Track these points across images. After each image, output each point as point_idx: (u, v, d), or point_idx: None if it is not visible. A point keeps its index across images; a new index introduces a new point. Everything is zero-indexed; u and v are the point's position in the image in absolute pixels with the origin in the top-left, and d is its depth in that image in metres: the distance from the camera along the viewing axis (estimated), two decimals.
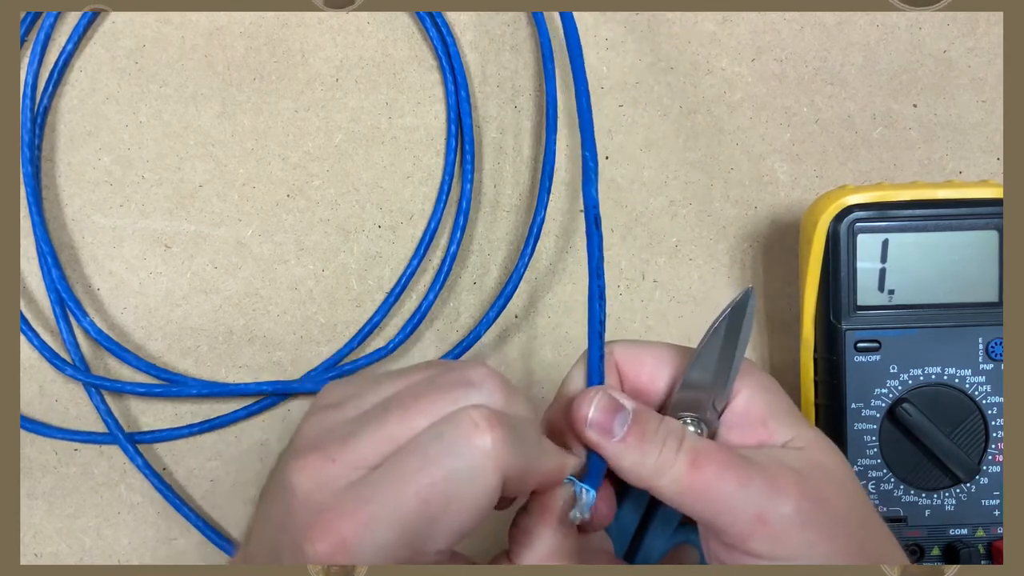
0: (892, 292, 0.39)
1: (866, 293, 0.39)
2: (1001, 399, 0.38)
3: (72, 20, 0.43)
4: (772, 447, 0.29)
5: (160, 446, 0.44)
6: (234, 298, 0.44)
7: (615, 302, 0.44)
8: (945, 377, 0.39)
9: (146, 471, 0.43)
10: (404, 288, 0.43)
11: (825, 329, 0.39)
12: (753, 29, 0.45)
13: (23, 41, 0.43)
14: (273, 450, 0.44)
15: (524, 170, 0.44)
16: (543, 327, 0.44)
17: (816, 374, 0.40)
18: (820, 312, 0.40)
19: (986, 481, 0.39)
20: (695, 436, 0.28)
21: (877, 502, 0.39)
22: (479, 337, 0.43)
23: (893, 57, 0.45)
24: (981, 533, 0.39)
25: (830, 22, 0.45)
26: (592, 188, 0.32)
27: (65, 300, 0.42)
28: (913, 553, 0.39)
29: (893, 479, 0.39)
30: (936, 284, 0.39)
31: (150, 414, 0.44)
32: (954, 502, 0.39)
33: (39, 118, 0.43)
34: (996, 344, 0.38)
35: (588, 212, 0.32)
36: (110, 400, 0.43)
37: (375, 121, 0.44)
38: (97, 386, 0.43)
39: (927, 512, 0.39)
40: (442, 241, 0.44)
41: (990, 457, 0.39)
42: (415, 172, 0.44)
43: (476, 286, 0.44)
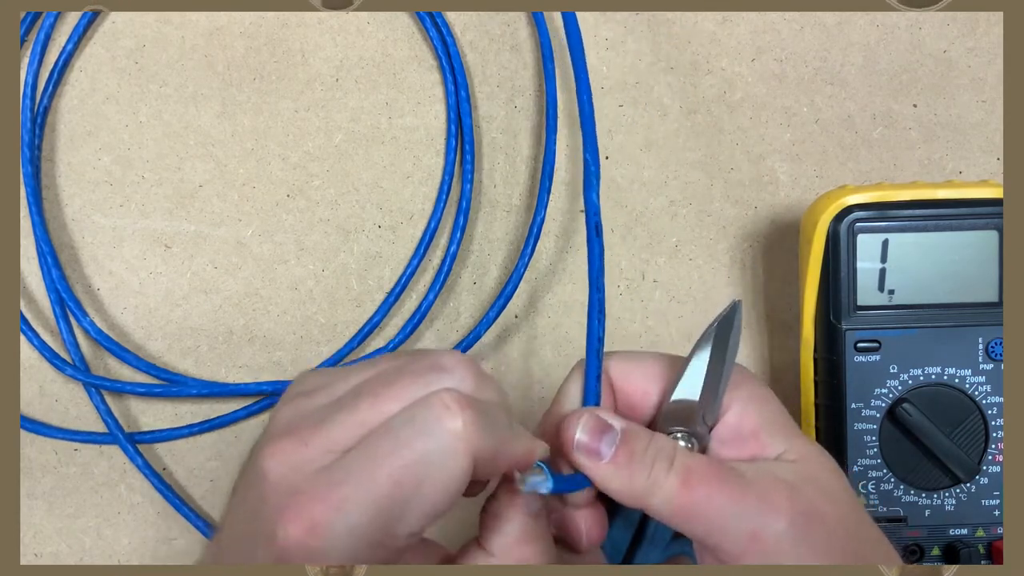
0: (892, 292, 0.39)
1: (866, 293, 0.39)
2: (1001, 399, 0.38)
3: (72, 20, 0.43)
4: (765, 460, 0.28)
5: (160, 446, 0.44)
6: (234, 298, 0.44)
7: (615, 302, 0.44)
8: (945, 377, 0.39)
9: (146, 471, 0.43)
10: (404, 288, 0.43)
11: (825, 329, 0.39)
12: (753, 29, 0.45)
13: (23, 41, 0.43)
14: None
15: (524, 170, 0.44)
16: (543, 327, 0.44)
17: (816, 374, 0.40)
18: (820, 312, 0.40)
19: (986, 481, 0.39)
20: (686, 453, 0.28)
21: (877, 502, 0.39)
22: (479, 337, 0.43)
23: (893, 57, 0.45)
24: (981, 533, 0.39)
25: (830, 22, 0.45)
26: (593, 193, 0.31)
27: (65, 300, 0.42)
28: (913, 553, 0.39)
29: (893, 479, 0.39)
30: (936, 284, 0.39)
31: (150, 414, 0.44)
32: (954, 502, 0.39)
33: (39, 118, 0.43)
34: (996, 344, 0.38)
35: (589, 219, 0.31)
36: (110, 400, 0.43)
37: (375, 121, 0.44)
38: (97, 386, 0.43)
39: (927, 512, 0.39)
40: (442, 241, 0.44)
41: (990, 457, 0.39)
42: (415, 172, 0.44)
43: (476, 286, 0.44)
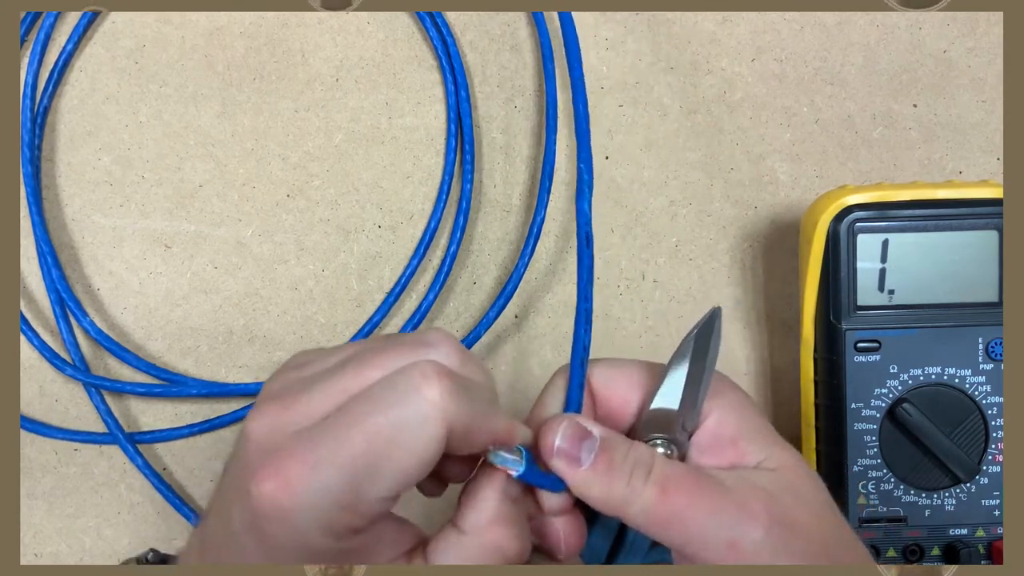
0: (892, 292, 0.39)
1: (866, 293, 0.39)
2: (1001, 399, 0.38)
3: (72, 20, 0.43)
4: (743, 468, 0.28)
5: (160, 446, 0.44)
6: (234, 298, 0.44)
7: (615, 302, 0.44)
8: (945, 377, 0.39)
9: (146, 471, 0.43)
10: (404, 288, 0.43)
11: (825, 329, 0.39)
12: (753, 29, 0.45)
13: (23, 41, 0.43)
14: None
15: (524, 170, 0.44)
16: (543, 327, 0.44)
17: (816, 374, 0.40)
18: (820, 312, 0.40)
19: (986, 481, 0.39)
20: (665, 461, 0.28)
21: (877, 502, 0.39)
22: (479, 337, 0.43)
23: (893, 57, 0.45)
24: (981, 533, 0.39)
25: (830, 22, 0.45)
26: (585, 203, 0.31)
27: (65, 300, 0.42)
28: (913, 553, 0.39)
29: (893, 479, 0.39)
30: (936, 284, 0.39)
31: (150, 414, 0.44)
32: (954, 502, 0.39)
33: (39, 118, 0.43)
34: (996, 344, 0.38)
35: (580, 229, 0.31)
36: (110, 400, 0.43)
37: (375, 121, 0.44)
38: (97, 386, 0.43)
39: (927, 512, 0.39)
40: (442, 241, 0.44)
41: (990, 457, 0.39)
42: (415, 172, 0.44)
43: (476, 286, 0.44)
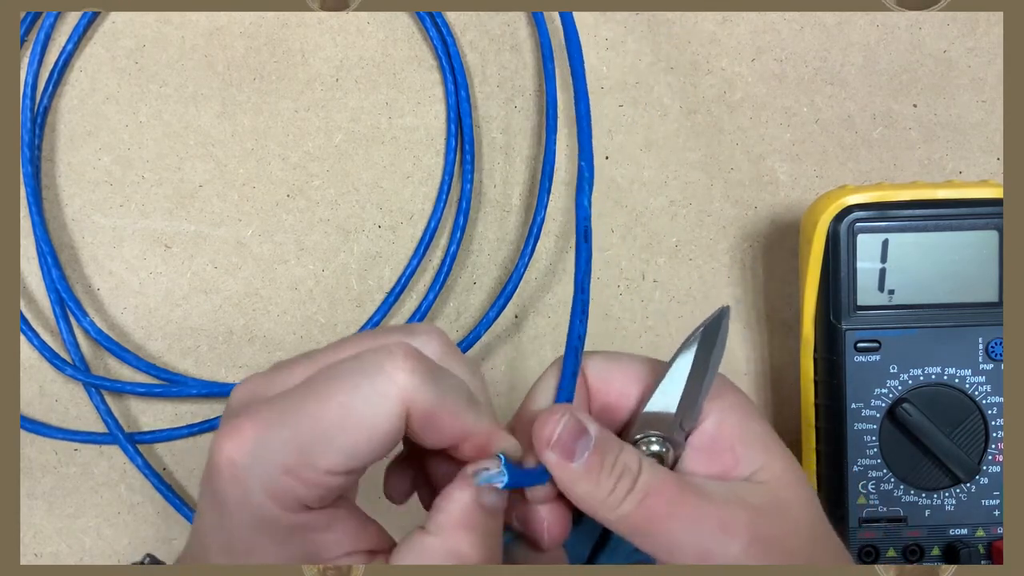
0: (892, 292, 0.39)
1: (866, 293, 0.39)
2: (1001, 399, 0.38)
3: (72, 20, 0.43)
4: (734, 480, 0.28)
5: (160, 446, 0.44)
6: (234, 298, 0.44)
7: (615, 302, 0.44)
8: (945, 377, 0.39)
9: (146, 471, 0.43)
10: (404, 288, 0.43)
11: (825, 329, 0.39)
12: (753, 29, 0.45)
13: (23, 41, 0.43)
14: None
15: (524, 170, 0.44)
16: (543, 327, 0.44)
17: (816, 374, 0.40)
18: (820, 312, 0.40)
19: (986, 481, 0.39)
20: (651, 468, 0.27)
21: (877, 502, 0.39)
22: (479, 337, 0.43)
23: (893, 57, 0.45)
24: (981, 533, 0.39)
25: (830, 22, 0.45)
26: (585, 198, 0.31)
27: (65, 300, 0.42)
28: (913, 553, 0.39)
29: (893, 479, 0.39)
30: (936, 284, 0.39)
31: (150, 414, 0.44)
32: (954, 502, 0.39)
33: (39, 118, 0.43)
34: (996, 344, 0.38)
35: (579, 223, 0.31)
36: (110, 400, 0.43)
37: (375, 121, 0.44)
38: (97, 386, 0.43)
39: (927, 512, 0.39)
40: (442, 241, 0.44)
41: (990, 457, 0.39)
42: (415, 172, 0.44)
43: (476, 286, 0.44)
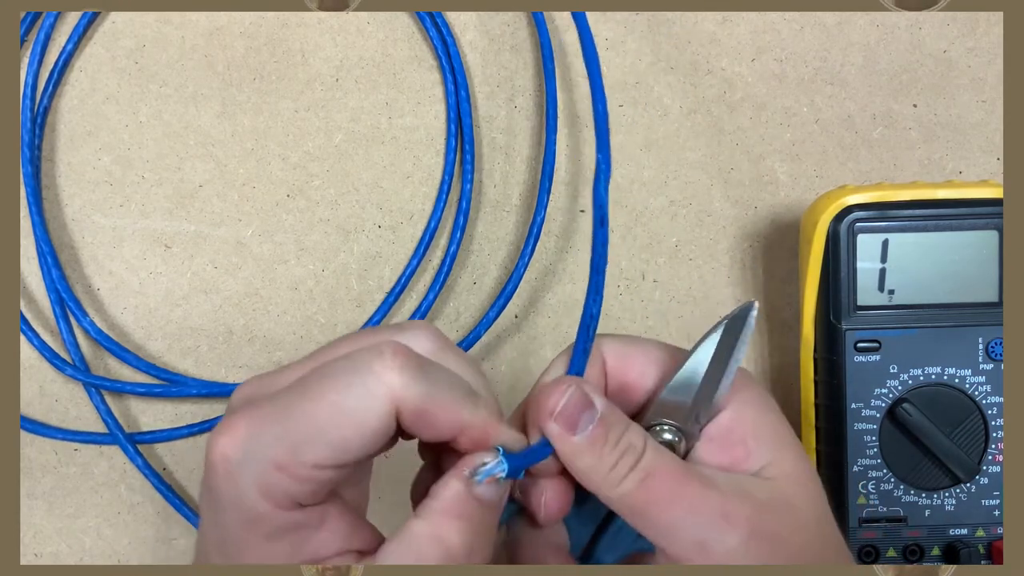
0: (892, 292, 0.39)
1: (866, 293, 0.39)
2: (1001, 399, 0.38)
3: (72, 20, 0.43)
4: (741, 473, 0.28)
5: (160, 446, 0.44)
6: (234, 298, 0.44)
7: (615, 302, 0.44)
8: (945, 377, 0.39)
9: (146, 471, 0.43)
10: (404, 288, 0.43)
11: (825, 329, 0.39)
12: (753, 29, 0.45)
13: (23, 41, 0.43)
14: None
15: (524, 170, 0.44)
16: (543, 327, 0.44)
17: (816, 374, 0.40)
18: (820, 312, 0.40)
19: (986, 481, 0.39)
20: (656, 451, 0.27)
21: (877, 502, 0.39)
22: (479, 337, 0.43)
23: (893, 57, 0.45)
24: (981, 533, 0.39)
25: (830, 22, 0.45)
26: (602, 188, 0.31)
27: (65, 300, 0.42)
28: (913, 553, 0.39)
29: (893, 479, 0.39)
30: (936, 284, 0.39)
31: (150, 414, 0.44)
32: (954, 502, 0.39)
33: (39, 118, 0.43)
34: (996, 344, 0.38)
35: (595, 211, 0.30)
36: (110, 400, 0.43)
37: (375, 121, 0.44)
38: (97, 386, 0.43)
39: (927, 512, 0.39)
40: (442, 241, 0.44)
41: (990, 457, 0.39)
42: (415, 172, 0.44)
43: (476, 286, 0.44)
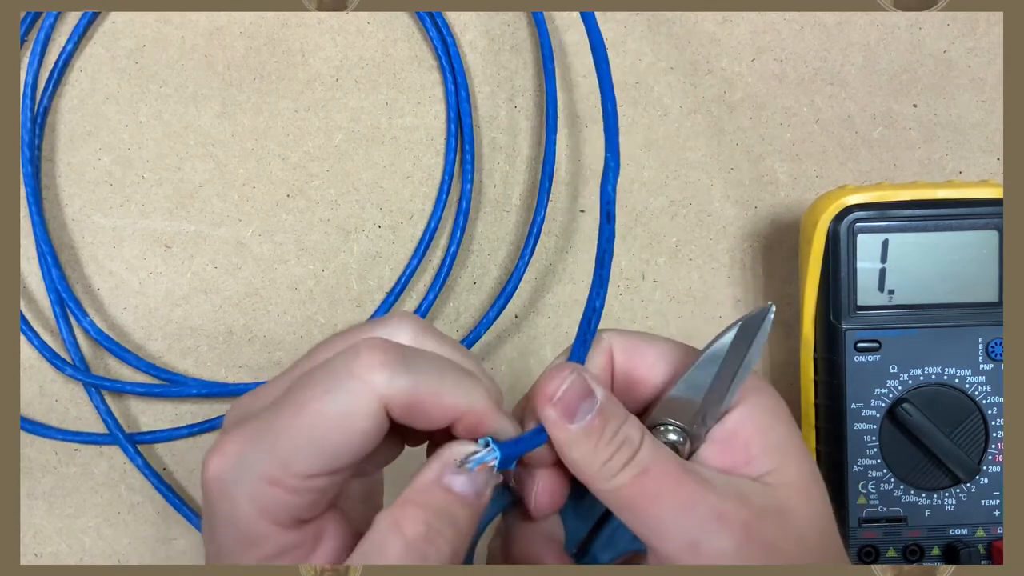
0: (892, 292, 0.39)
1: (866, 293, 0.39)
2: (1001, 399, 0.38)
3: (72, 20, 0.43)
4: (742, 477, 0.27)
5: (160, 446, 0.44)
6: (234, 298, 0.44)
7: (615, 302, 0.44)
8: (945, 377, 0.39)
9: (146, 471, 0.43)
10: (404, 288, 0.43)
11: (825, 329, 0.39)
12: (753, 29, 0.45)
13: (23, 41, 0.43)
14: None
15: (524, 170, 0.44)
16: (543, 327, 0.44)
17: (816, 374, 0.40)
18: (820, 312, 0.40)
19: (986, 481, 0.39)
20: (653, 446, 0.26)
21: (877, 502, 0.39)
22: (479, 337, 0.43)
23: (893, 57, 0.45)
24: (981, 533, 0.39)
25: (830, 22, 0.45)
26: (610, 186, 0.31)
27: (65, 300, 0.42)
28: (913, 553, 0.39)
29: (893, 479, 0.39)
30: (936, 284, 0.39)
31: (150, 414, 0.44)
32: (954, 502, 0.39)
33: (39, 118, 0.43)
34: (996, 344, 0.38)
35: (603, 208, 0.30)
36: (110, 400, 0.43)
37: (375, 121, 0.44)
38: (97, 386, 0.43)
39: (927, 512, 0.39)
40: (442, 241, 0.44)
41: (990, 457, 0.39)
42: (415, 172, 0.44)
43: (476, 286, 0.44)
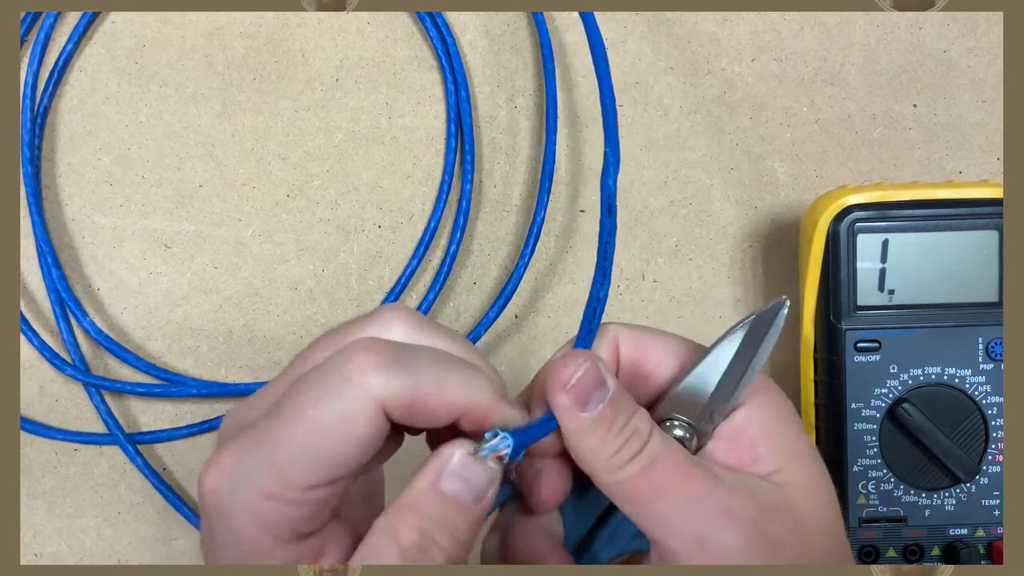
0: (892, 292, 0.39)
1: (866, 293, 0.39)
2: (1001, 399, 0.38)
3: (72, 20, 0.43)
4: (750, 475, 0.26)
5: (160, 446, 0.44)
6: (234, 298, 0.44)
7: (615, 302, 0.44)
8: (945, 377, 0.39)
9: (146, 471, 0.43)
10: (404, 288, 0.43)
11: (825, 329, 0.39)
12: (753, 29, 0.45)
13: (23, 41, 0.43)
14: None
15: (524, 170, 0.44)
16: (543, 327, 0.44)
17: (816, 374, 0.40)
18: (820, 312, 0.40)
19: (986, 481, 0.39)
20: (661, 439, 0.25)
21: (877, 502, 0.39)
22: (479, 337, 0.43)
23: (893, 57, 0.45)
24: (981, 533, 0.39)
25: (830, 22, 0.45)
26: (610, 180, 0.31)
27: (65, 300, 0.42)
28: (913, 553, 0.39)
29: (893, 479, 0.39)
30: (936, 284, 0.39)
31: (150, 414, 0.44)
32: (954, 502, 0.39)
33: (39, 118, 0.43)
34: (996, 344, 0.38)
35: (603, 201, 0.30)
36: (110, 400, 0.43)
37: (375, 121, 0.44)
38: (97, 386, 0.43)
39: (927, 512, 0.39)
40: (442, 241, 0.44)
41: (990, 457, 0.39)
42: (415, 172, 0.44)
43: (476, 286, 0.44)
